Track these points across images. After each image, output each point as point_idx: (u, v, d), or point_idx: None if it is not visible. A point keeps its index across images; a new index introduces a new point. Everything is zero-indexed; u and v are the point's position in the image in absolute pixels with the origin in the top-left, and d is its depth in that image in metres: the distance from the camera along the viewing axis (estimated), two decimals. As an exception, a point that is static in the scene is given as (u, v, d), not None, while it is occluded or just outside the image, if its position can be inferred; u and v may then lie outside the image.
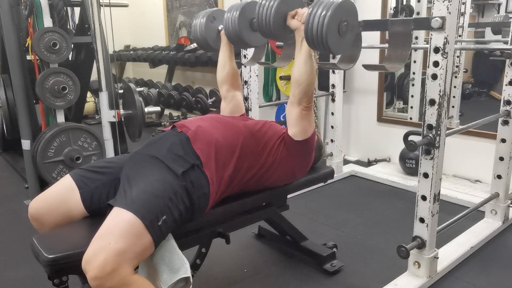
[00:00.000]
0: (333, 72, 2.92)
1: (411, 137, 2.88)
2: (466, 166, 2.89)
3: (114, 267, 1.12)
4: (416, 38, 3.21)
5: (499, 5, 3.11)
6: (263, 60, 2.08)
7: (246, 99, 2.48)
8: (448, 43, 1.47)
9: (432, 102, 1.55)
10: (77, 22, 3.58)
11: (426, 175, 1.64)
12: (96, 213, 1.42)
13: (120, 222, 1.19)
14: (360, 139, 3.55)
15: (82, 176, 1.44)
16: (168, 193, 1.29)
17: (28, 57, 2.83)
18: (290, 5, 1.55)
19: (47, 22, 2.69)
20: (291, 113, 1.59)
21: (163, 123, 4.75)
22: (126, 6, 4.50)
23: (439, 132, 1.56)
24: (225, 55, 1.85)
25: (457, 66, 3.11)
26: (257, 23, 1.57)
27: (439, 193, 1.68)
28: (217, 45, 1.87)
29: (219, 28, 1.86)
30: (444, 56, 1.48)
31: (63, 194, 1.41)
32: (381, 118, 3.37)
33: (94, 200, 1.42)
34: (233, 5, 1.74)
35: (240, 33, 1.71)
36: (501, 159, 2.15)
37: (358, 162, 3.45)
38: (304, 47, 1.48)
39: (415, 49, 3.20)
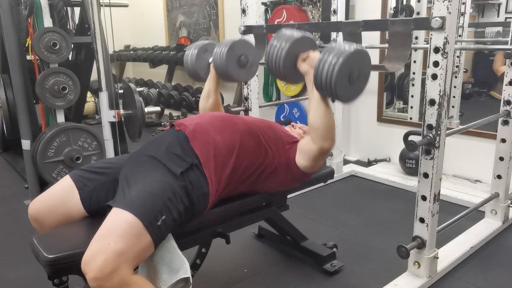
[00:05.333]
0: (333, 72, 2.92)
1: (411, 137, 2.87)
2: (466, 166, 2.89)
3: (113, 268, 1.12)
4: (416, 38, 3.21)
5: (499, 5, 3.11)
6: (263, 60, 2.08)
7: (246, 99, 2.48)
8: (448, 43, 1.47)
9: (432, 102, 1.55)
10: (77, 22, 3.58)
11: (426, 175, 1.64)
12: (95, 214, 1.41)
13: (119, 222, 1.19)
14: (360, 139, 3.55)
15: (81, 176, 1.44)
16: (167, 193, 1.29)
17: (28, 57, 2.83)
18: (303, 46, 1.51)
19: (47, 22, 2.69)
20: (307, 146, 1.52)
21: (163, 123, 4.75)
22: (126, 6, 4.50)
23: (439, 132, 1.56)
24: (211, 86, 1.86)
25: (457, 66, 3.12)
26: (267, 64, 1.54)
27: (439, 193, 1.68)
28: (206, 76, 1.92)
29: (210, 60, 1.92)
30: (444, 56, 1.48)
31: (62, 195, 1.41)
32: (381, 118, 3.37)
33: (93, 200, 1.42)
34: (224, 40, 1.81)
35: (227, 68, 1.77)
36: (501, 159, 2.15)
37: (358, 162, 3.45)
38: (315, 92, 1.44)
39: (415, 49, 3.20)
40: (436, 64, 1.50)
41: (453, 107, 3.13)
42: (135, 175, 1.35)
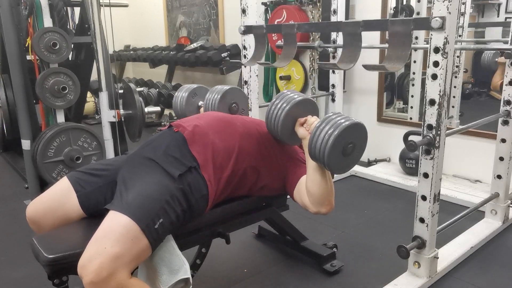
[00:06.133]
0: (333, 72, 2.92)
1: (411, 137, 2.88)
2: (466, 166, 2.89)
3: (110, 272, 1.11)
4: (416, 38, 3.21)
5: (499, 5, 3.11)
6: (263, 60, 2.08)
7: (246, 99, 2.48)
8: (448, 43, 1.47)
9: (432, 102, 1.55)
10: (77, 22, 3.58)
11: (426, 175, 1.64)
12: (94, 215, 1.41)
13: (115, 226, 1.18)
14: (360, 139, 3.55)
15: (79, 178, 1.43)
16: (164, 196, 1.28)
17: (28, 57, 2.83)
18: (303, 110, 1.51)
19: (47, 22, 2.69)
20: (306, 199, 1.50)
21: (163, 123, 4.75)
22: (126, 6, 4.50)
23: (439, 132, 1.56)
24: None
25: (457, 66, 3.11)
26: (266, 121, 1.55)
27: (439, 193, 1.68)
28: None
29: (199, 103, 1.99)
30: (444, 56, 1.48)
31: (60, 197, 1.41)
32: (381, 118, 3.37)
33: (92, 202, 1.41)
34: (216, 87, 1.87)
35: None
36: (501, 159, 2.15)
37: (358, 162, 3.45)
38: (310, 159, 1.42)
39: (415, 49, 3.20)
40: (436, 64, 1.50)
41: (453, 107, 3.13)
42: (132, 177, 1.34)
